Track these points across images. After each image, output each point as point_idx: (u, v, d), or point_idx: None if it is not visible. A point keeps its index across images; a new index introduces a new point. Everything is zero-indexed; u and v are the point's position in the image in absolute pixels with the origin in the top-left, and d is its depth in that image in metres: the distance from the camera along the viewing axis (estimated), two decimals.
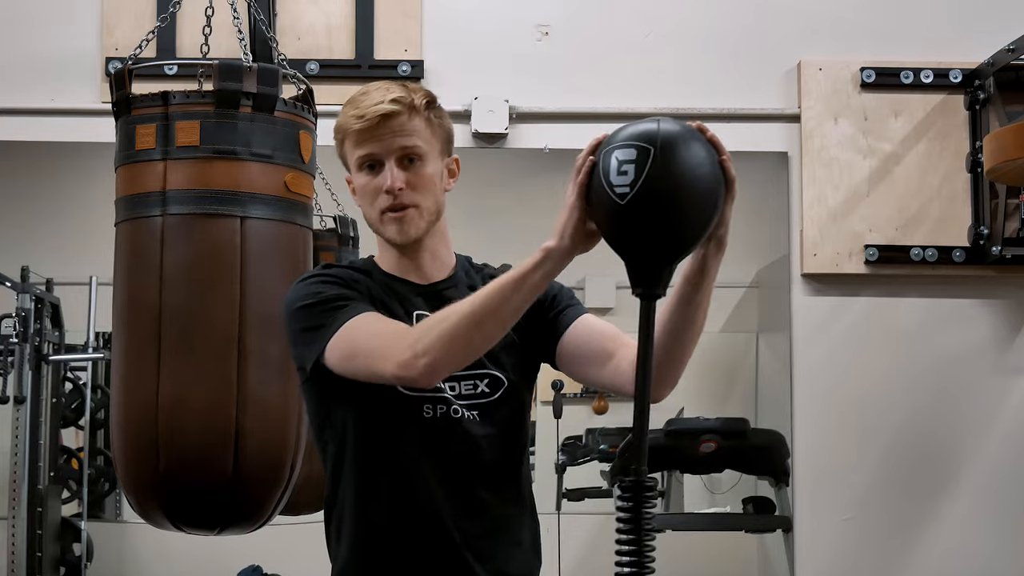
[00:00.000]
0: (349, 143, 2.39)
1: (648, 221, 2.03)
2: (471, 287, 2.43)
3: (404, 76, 4.71)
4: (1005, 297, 4.85)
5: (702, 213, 2.07)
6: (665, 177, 2.01)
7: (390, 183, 2.35)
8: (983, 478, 4.81)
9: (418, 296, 2.42)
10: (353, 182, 2.43)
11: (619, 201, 2.03)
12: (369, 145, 2.36)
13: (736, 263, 5.53)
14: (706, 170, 2.04)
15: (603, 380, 2.42)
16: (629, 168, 2.02)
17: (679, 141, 2.03)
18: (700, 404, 5.66)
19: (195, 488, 3.17)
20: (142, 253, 3.23)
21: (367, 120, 2.35)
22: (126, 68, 3.30)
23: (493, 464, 2.40)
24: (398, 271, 2.44)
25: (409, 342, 2.20)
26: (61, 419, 5.61)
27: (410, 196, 2.37)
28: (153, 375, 3.16)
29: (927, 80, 4.83)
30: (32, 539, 5.26)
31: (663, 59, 4.87)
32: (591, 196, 2.08)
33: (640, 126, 2.05)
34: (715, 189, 2.07)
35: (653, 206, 2.02)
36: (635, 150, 2.02)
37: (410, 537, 2.35)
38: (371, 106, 2.35)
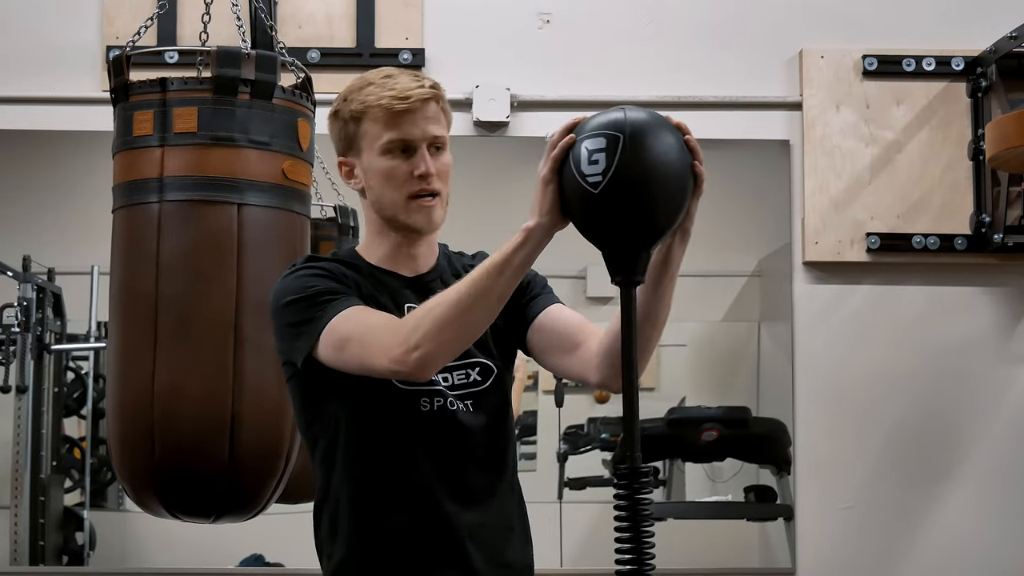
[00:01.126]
0: (375, 124, 2.36)
1: (622, 207, 2.05)
2: (456, 275, 2.42)
3: (405, 64, 4.70)
4: (1007, 285, 4.84)
5: (674, 197, 2.09)
6: (636, 163, 2.04)
7: (425, 168, 2.34)
8: (985, 466, 4.80)
9: (406, 288, 2.41)
10: (365, 165, 2.39)
11: (592, 190, 2.05)
12: (403, 129, 2.34)
13: (737, 252, 5.57)
14: (675, 155, 2.07)
15: (569, 369, 2.43)
16: (600, 157, 2.04)
17: (647, 128, 2.06)
18: (701, 393, 5.65)
19: (191, 476, 3.16)
20: (139, 240, 3.22)
21: (410, 103, 2.33)
22: (124, 55, 3.29)
23: (487, 452, 2.41)
24: (386, 263, 2.43)
25: (401, 336, 2.19)
26: (63, 408, 5.60)
27: (438, 184, 2.37)
28: (149, 362, 3.16)
29: (929, 68, 4.82)
30: (35, 528, 5.25)
31: (664, 47, 4.87)
32: (563, 188, 2.09)
33: (607, 115, 2.08)
34: (685, 173, 2.10)
35: (626, 192, 2.04)
36: (604, 139, 2.05)
37: (410, 530, 2.35)
38: (412, 89, 2.34)
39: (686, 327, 5.88)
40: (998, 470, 4.81)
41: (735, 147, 4.89)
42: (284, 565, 5.07)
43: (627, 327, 2.12)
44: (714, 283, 5.65)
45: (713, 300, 5.70)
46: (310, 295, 2.31)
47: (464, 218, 3.34)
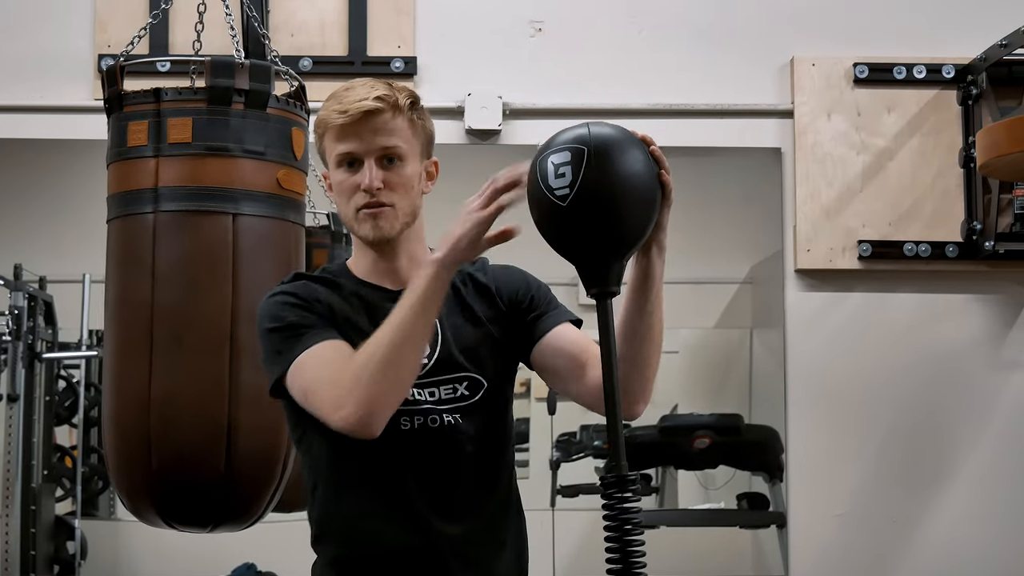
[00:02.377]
0: (329, 138, 2.36)
1: (591, 218, 2.09)
2: (453, 287, 2.40)
3: (397, 73, 4.71)
4: (998, 292, 4.86)
5: (642, 207, 2.12)
6: (601, 175, 2.08)
7: (368, 182, 2.32)
8: (976, 473, 4.81)
9: (390, 302, 2.35)
10: (330, 178, 2.39)
11: (560, 203, 2.08)
12: (350, 142, 2.33)
13: (729, 260, 5.57)
14: (640, 166, 2.12)
15: (575, 394, 2.42)
16: (566, 170, 2.08)
17: (611, 141, 2.11)
18: (694, 400, 5.66)
19: (187, 485, 3.16)
20: (134, 250, 3.22)
21: (349, 116, 2.32)
22: (118, 64, 3.29)
23: (476, 466, 2.38)
24: (371, 276, 2.42)
25: (342, 397, 2.20)
26: (55, 417, 5.61)
27: (387, 195, 2.34)
28: (145, 372, 3.16)
29: (920, 76, 4.83)
30: (26, 537, 5.25)
31: (656, 55, 4.88)
32: (531, 202, 2.11)
33: (572, 131, 2.12)
34: (651, 183, 2.14)
35: (594, 203, 2.08)
36: (569, 152, 2.09)
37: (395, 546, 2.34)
38: (355, 102, 2.32)
39: (678, 334, 5.89)
40: (990, 476, 4.82)
41: (727, 155, 4.90)
42: (276, 574, 5.07)
43: (606, 338, 2.15)
44: (706, 290, 5.66)
45: (705, 307, 5.71)
46: (282, 327, 2.32)
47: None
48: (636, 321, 2.27)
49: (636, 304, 2.26)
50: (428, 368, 2.34)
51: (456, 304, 2.43)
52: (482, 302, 2.45)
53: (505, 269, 2.51)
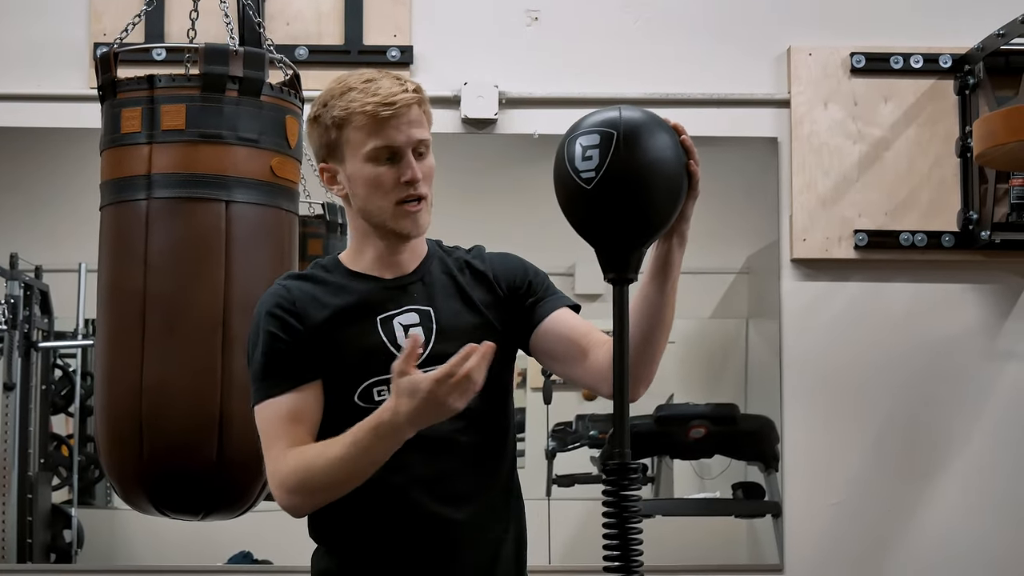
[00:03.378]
0: (359, 131, 2.33)
1: (615, 204, 2.06)
2: (447, 274, 2.43)
3: (393, 62, 4.70)
4: (994, 282, 4.85)
5: (668, 194, 2.10)
6: (629, 159, 2.05)
7: (412, 175, 2.32)
8: (972, 462, 4.81)
9: (383, 291, 2.39)
10: (349, 172, 2.36)
11: (585, 186, 2.06)
12: (388, 135, 2.32)
13: (725, 249, 5.56)
14: (669, 153, 2.09)
15: (576, 377, 2.43)
16: (594, 153, 2.06)
17: (641, 125, 2.08)
18: (689, 390, 5.65)
19: (179, 473, 3.16)
20: (127, 237, 3.22)
21: (396, 108, 2.31)
22: (111, 51, 3.29)
23: (476, 452, 2.39)
24: (367, 268, 2.41)
25: (275, 477, 2.30)
26: (51, 406, 5.59)
27: (424, 188, 2.35)
28: (137, 360, 3.16)
29: (917, 65, 4.82)
30: (22, 526, 5.24)
31: (653, 44, 4.87)
32: (556, 186, 2.10)
33: (603, 113, 2.10)
34: (679, 172, 2.11)
35: (619, 188, 2.06)
36: (598, 135, 2.07)
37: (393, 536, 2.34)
38: (396, 95, 2.31)
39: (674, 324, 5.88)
40: (985, 466, 4.82)
41: (723, 144, 4.88)
42: (272, 562, 5.06)
43: (619, 324, 2.14)
44: (702, 280, 5.65)
45: (701, 297, 5.70)
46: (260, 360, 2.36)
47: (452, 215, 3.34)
48: (650, 307, 2.27)
49: (652, 291, 2.26)
50: (424, 357, 2.32)
51: (453, 291, 2.43)
52: (480, 289, 2.45)
53: (502, 256, 2.52)
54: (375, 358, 2.33)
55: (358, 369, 2.33)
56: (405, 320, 2.38)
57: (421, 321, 2.38)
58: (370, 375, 2.33)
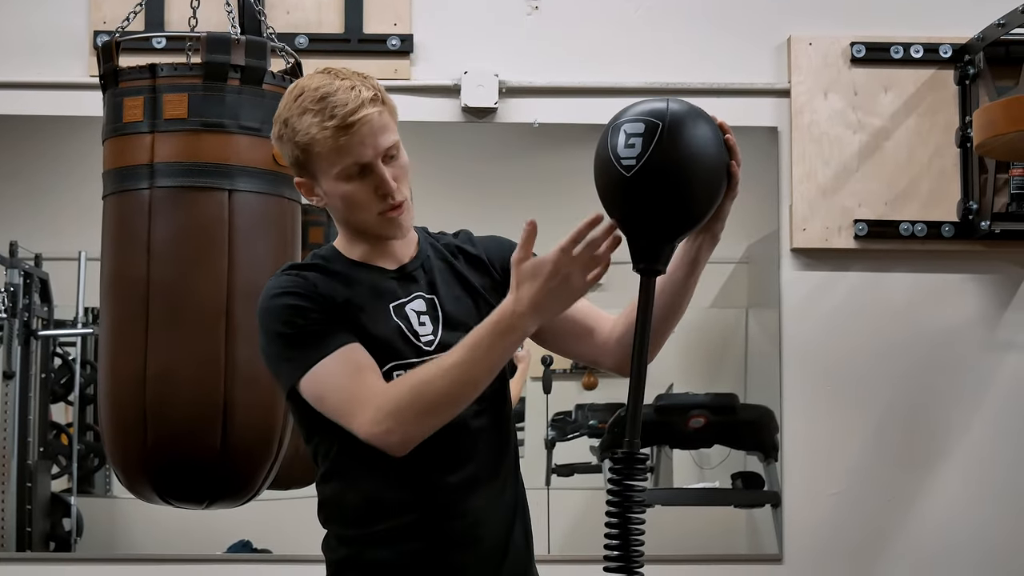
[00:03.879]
0: (324, 154, 2.27)
1: (653, 194, 2.06)
2: (442, 259, 2.43)
3: (393, 50, 4.70)
4: (994, 272, 4.86)
5: (706, 190, 2.10)
6: (671, 151, 2.04)
7: (386, 187, 2.28)
8: (971, 452, 4.82)
9: (390, 280, 2.38)
10: (325, 190, 2.32)
11: (625, 173, 2.05)
12: (354, 152, 2.26)
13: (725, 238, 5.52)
14: (712, 149, 2.08)
15: (582, 354, 2.44)
16: (636, 141, 2.05)
17: (687, 119, 2.07)
18: (689, 380, 5.65)
19: (183, 462, 3.16)
20: (130, 226, 3.22)
21: (353, 130, 2.25)
22: (113, 40, 3.29)
23: (486, 438, 2.39)
24: (367, 258, 2.39)
25: (376, 411, 2.19)
26: (50, 394, 5.59)
27: (401, 192, 2.32)
28: (141, 349, 3.16)
29: (917, 55, 4.82)
30: (21, 514, 5.24)
31: (653, 33, 4.86)
32: (595, 169, 2.09)
33: (650, 103, 2.09)
34: (720, 169, 2.10)
35: (658, 179, 2.05)
36: (643, 124, 2.06)
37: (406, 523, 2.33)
38: (353, 112, 2.25)
39: None
40: (984, 456, 4.82)
41: None
42: (272, 551, 5.07)
43: (643, 314, 2.14)
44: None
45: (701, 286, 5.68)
46: (291, 333, 2.28)
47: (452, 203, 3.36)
48: (669, 298, 2.28)
49: (675, 283, 2.28)
50: (435, 345, 2.34)
51: (452, 277, 2.43)
52: (476, 273, 2.45)
53: (493, 239, 2.52)
54: (394, 344, 2.32)
55: (378, 354, 2.29)
56: (416, 307, 2.37)
57: (428, 309, 2.38)
58: (390, 359, 2.31)
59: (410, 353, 2.33)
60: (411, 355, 2.33)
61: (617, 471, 2.12)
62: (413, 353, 2.33)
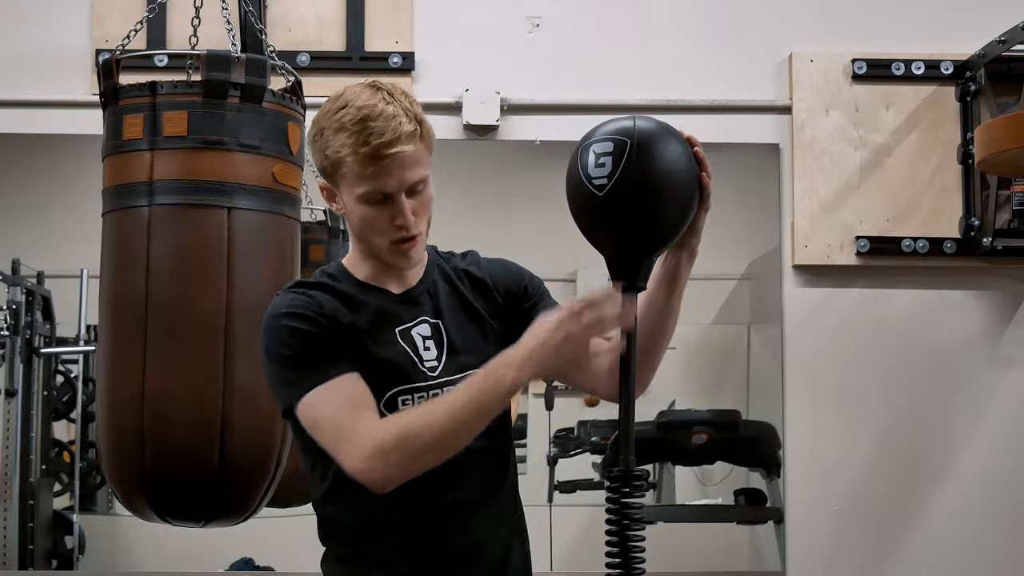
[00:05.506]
0: (351, 174, 2.28)
1: (626, 212, 2.07)
2: (447, 281, 2.43)
3: (395, 68, 4.70)
4: (996, 288, 4.85)
5: (679, 204, 2.10)
6: (642, 169, 2.06)
7: (404, 220, 2.29)
8: (974, 469, 4.81)
9: (395, 304, 2.39)
10: (346, 206, 2.34)
11: (597, 193, 2.06)
12: (380, 181, 2.27)
13: (727, 255, 5.56)
14: (682, 164, 2.09)
15: (579, 383, 2.45)
16: (607, 160, 2.06)
17: (655, 135, 2.09)
18: (691, 396, 5.65)
19: (181, 480, 3.16)
20: (129, 243, 3.22)
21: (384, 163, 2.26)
22: (114, 58, 3.30)
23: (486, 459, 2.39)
24: (374, 279, 2.40)
25: (363, 449, 2.19)
26: (52, 412, 5.60)
27: (418, 225, 2.33)
28: (139, 366, 3.16)
29: (918, 72, 4.82)
30: (23, 531, 5.25)
31: (654, 50, 4.86)
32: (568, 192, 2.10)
33: (617, 123, 2.10)
34: (691, 182, 2.11)
35: (631, 197, 2.06)
36: (612, 143, 2.07)
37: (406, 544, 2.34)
38: (387, 142, 2.25)
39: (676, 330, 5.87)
40: (987, 473, 4.81)
41: (725, 151, 4.88)
42: (274, 569, 5.06)
43: (627, 333, 2.14)
44: (704, 286, 5.64)
45: (703, 303, 5.70)
46: (293, 356, 2.28)
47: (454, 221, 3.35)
48: (655, 316, 2.29)
49: (658, 301, 2.28)
50: (439, 370, 2.35)
51: (456, 301, 2.44)
52: (480, 297, 2.46)
53: (499, 262, 2.52)
54: (400, 368, 2.33)
55: (383, 378, 2.31)
56: (421, 331, 2.38)
57: (432, 334, 2.38)
58: (395, 384, 2.32)
59: (416, 378, 2.34)
60: (417, 380, 2.34)
61: (614, 488, 2.12)
62: (419, 378, 2.34)
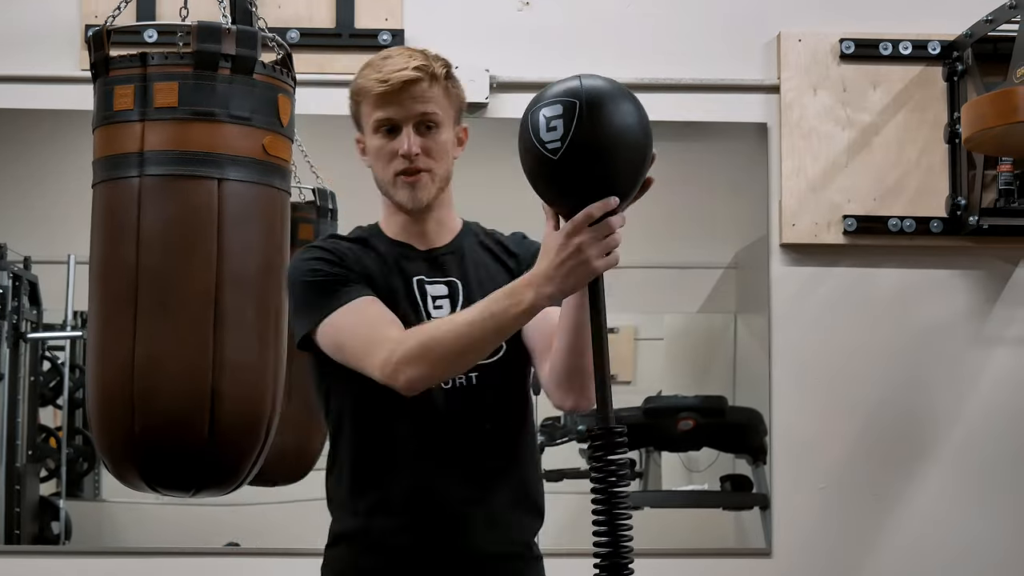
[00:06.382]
0: (367, 105, 2.44)
1: (583, 172, 2.07)
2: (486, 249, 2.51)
3: (384, 45, 4.70)
4: (982, 268, 4.87)
5: (633, 162, 2.11)
6: (594, 127, 2.06)
7: (407, 148, 2.40)
8: (959, 448, 4.83)
9: (419, 260, 2.47)
10: (366, 143, 2.47)
11: (552, 156, 2.06)
12: (389, 109, 2.42)
13: (714, 244, 5.57)
14: (633, 119, 2.09)
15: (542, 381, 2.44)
16: (557, 123, 2.06)
17: (603, 94, 2.09)
18: (677, 384, 5.66)
19: (171, 449, 3.15)
20: (119, 214, 3.21)
21: (390, 85, 2.40)
22: (104, 29, 3.29)
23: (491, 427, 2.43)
24: (402, 236, 2.49)
25: (390, 351, 2.26)
26: (39, 398, 5.59)
27: (425, 161, 2.42)
28: (129, 336, 3.14)
29: (906, 52, 4.85)
30: (10, 516, 5.24)
31: (644, 29, 4.88)
32: (522, 158, 2.11)
33: (563, 84, 2.11)
34: (644, 138, 2.10)
35: (585, 157, 2.06)
36: (561, 105, 2.07)
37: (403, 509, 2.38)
38: (395, 71, 2.41)
39: (662, 319, 5.89)
40: (972, 452, 4.83)
41: (712, 131, 4.90)
42: None
43: (594, 296, 2.14)
44: (690, 275, 5.66)
45: (689, 292, 5.71)
46: (315, 282, 2.40)
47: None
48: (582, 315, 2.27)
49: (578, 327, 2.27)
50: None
51: (483, 266, 2.51)
52: (507, 273, 2.50)
53: (526, 239, 2.58)
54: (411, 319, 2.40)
55: None
56: (436, 291, 2.46)
57: (449, 293, 2.45)
58: None
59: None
60: None
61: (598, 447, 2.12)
62: None
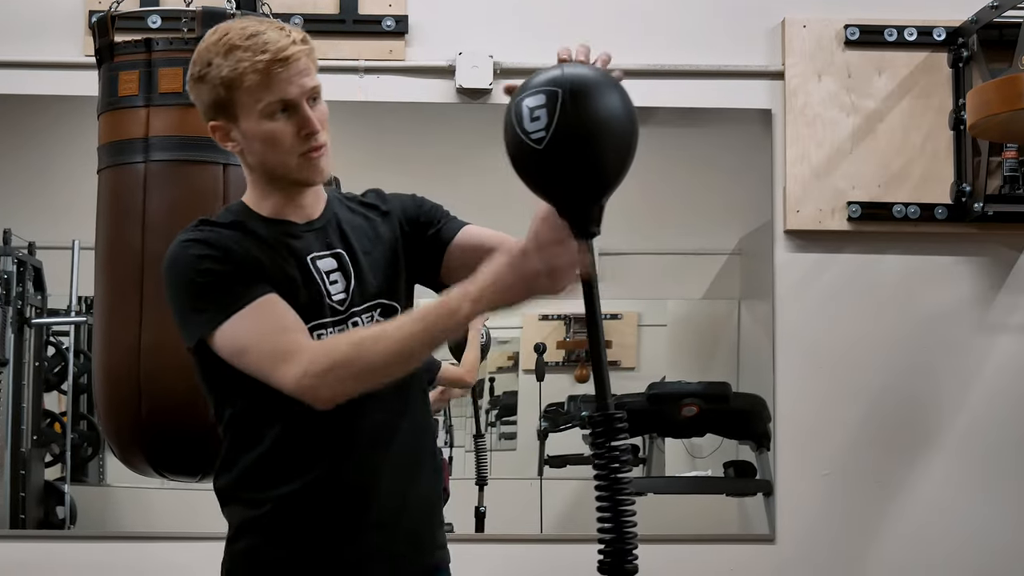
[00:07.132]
0: (250, 90, 2.29)
1: (568, 161, 2.06)
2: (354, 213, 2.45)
3: (388, 31, 4.70)
4: (986, 254, 4.86)
5: (620, 148, 2.10)
6: (578, 115, 2.04)
7: (310, 126, 2.30)
8: (963, 434, 4.82)
9: (303, 236, 2.38)
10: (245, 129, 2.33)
11: (536, 147, 2.05)
12: (281, 89, 2.29)
13: (718, 230, 5.57)
14: (617, 106, 2.08)
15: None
16: (541, 113, 2.04)
17: (586, 82, 2.08)
18: (681, 371, 5.67)
19: (177, 433, 3.16)
20: (125, 199, 3.23)
21: (282, 64, 2.27)
22: (109, 14, 3.30)
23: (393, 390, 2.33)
24: (278, 213, 2.39)
25: (309, 365, 2.18)
26: (44, 383, 5.60)
27: (323, 135, 2.34)
28: (135, 321, 3.16)
29: (911, 38, 4.83)
30: (15, 501, 5.25)
31: (648, 15, 4.87)
32: (507, 149, 2.10)
33: (546, 73, 2.08)
34: (629, 124, 2.10)
35: (570, 146, 2.05)
36: (544, 95, 2.05)
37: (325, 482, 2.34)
38: (285, 48, 2.28)
39: (667, 306, 5.89)
40: (976, 438, 4.83)
41: (717, 117, 4.89)
42: None
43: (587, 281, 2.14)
44: (695, 261, 5.66)
45: (693, 278, 5.71)
46: (206, 283, 2.28)
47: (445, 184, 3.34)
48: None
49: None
50: (347, 303, 2.36)
51: (360, 230, 2.44)
52: (387, 227, 2.46)
53: (399, 194, 2.54)
54: (308, 304, 2.32)
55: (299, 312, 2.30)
56: (325, 266, 2.38)
57: (339, 266, 2.39)
58: (311, 319, 2.32)
59: (325, 313, 2.34)
60: (326, 315, 2.34)
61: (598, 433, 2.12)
62: (328, 313, 2.34)
